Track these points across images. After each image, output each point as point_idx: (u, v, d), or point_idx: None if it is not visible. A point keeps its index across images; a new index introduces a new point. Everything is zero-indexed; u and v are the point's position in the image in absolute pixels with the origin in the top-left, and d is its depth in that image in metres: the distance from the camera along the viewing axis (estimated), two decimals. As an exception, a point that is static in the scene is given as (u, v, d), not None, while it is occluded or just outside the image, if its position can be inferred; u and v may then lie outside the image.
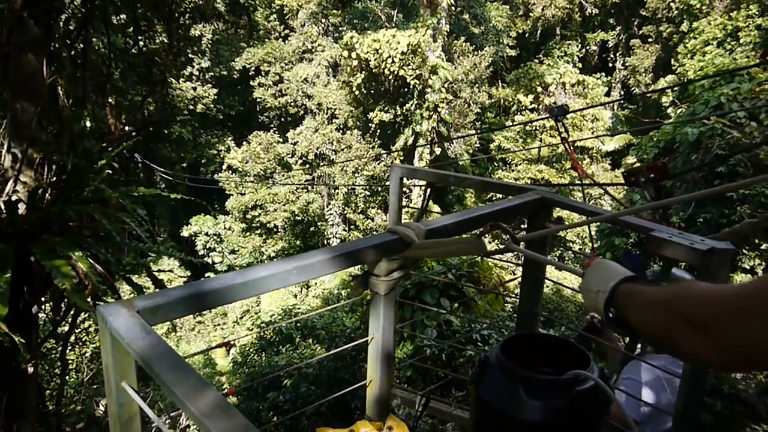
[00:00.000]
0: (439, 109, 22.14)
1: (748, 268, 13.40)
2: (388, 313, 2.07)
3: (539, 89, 26.03)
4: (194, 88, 25.42)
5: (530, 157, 24.80)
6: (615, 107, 29.05)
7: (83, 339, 9.19)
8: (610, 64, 31.28)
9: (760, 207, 10.89)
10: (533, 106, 26.23)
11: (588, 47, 31.45)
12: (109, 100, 8.31)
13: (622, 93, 30.21)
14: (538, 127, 24.81)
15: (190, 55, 23.23)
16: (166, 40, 9.69)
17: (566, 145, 3.05)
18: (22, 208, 4.65)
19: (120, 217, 5.34)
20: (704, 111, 11.62)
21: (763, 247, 12.54)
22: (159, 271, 7.11)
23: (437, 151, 22.96)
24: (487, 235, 1.88)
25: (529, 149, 23.81)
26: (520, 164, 24.59)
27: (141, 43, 8.88)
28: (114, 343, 1.29)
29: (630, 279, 1.29)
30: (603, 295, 1.31)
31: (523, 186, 2.44)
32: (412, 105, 22.40)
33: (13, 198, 4.63)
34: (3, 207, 4.56)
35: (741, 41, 20.37)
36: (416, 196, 21.23)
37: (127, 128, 8.69)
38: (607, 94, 28.47)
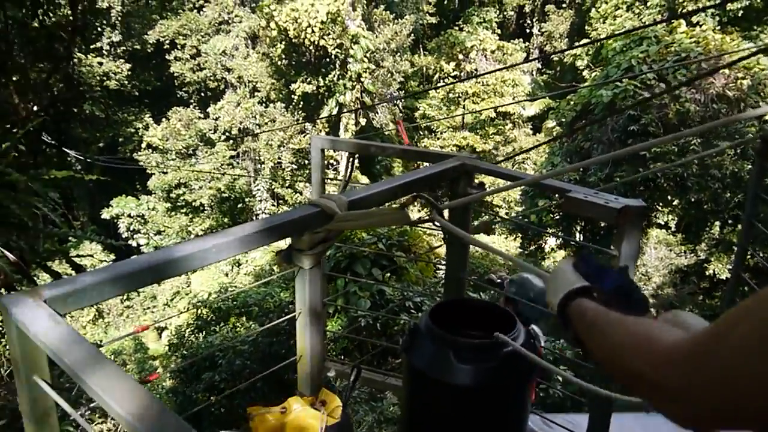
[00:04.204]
0: (362, 79, 22.02)
1: (662, 223, 14.12)
2: (314, 287, 2.06)
3: (460, 56, 26.25)
4: (100, 63, 24.18)
5: (454, 125, 25.10)
6: (534, 72, 29.69)
7: (1, 332, 8.76)
8: (528, 30, 31.85)
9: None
10: (455, 72, 26.45)
11: (506, 13, 31.86)
12: (12, 78, 7.82)
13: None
14: (461, 95, 25.08)
15: (98, 29, 22.08)
16: (69, 13, 9.14)
17: (397, 124, 3.11)
18: None
19: (31, 202, 5.08)
20: (617, 74, 12.05)
21: (675, 203, 13.23)
22: (78, 256, 6.81)
23: (363, 121, 22.89)
24: (415, 204, 1.89)
25: (453, 116, 24.08)
26: (444, 132, 24.86)
27: (41, 16, 8.34)
28: (20, 336, 1.22)
29: (580, 292, 1.16)
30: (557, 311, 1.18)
31: (444, 153, 2.46)
32: (334, 75, 22.18)
33: None
34: None
35: (648, 4, 21.16)
36: (344, 168, 21.15)
37: (34, 108, 8.22)
38: (525, 60, 29.02)
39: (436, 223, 1.78)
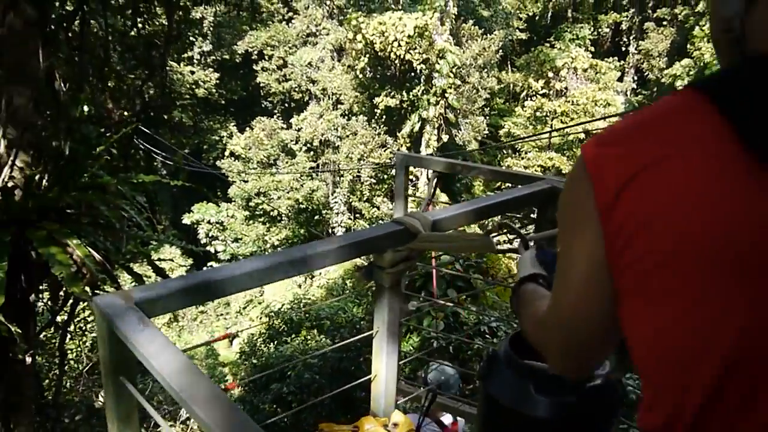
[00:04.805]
0: (446, 95, 22.04)
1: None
2: (394, 306, 2.06)
3: (550, 74, 25.83)
4: (192, 72, 25.32)
5: (540, 145, 24.69)
6: (628, 92, 28.84)
7: (83, 328, 9.22)
8: (623, 48, 31.01)
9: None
10: (544, 91, 26.06)
11: (600, 30, 31.16)
12: (108, 84, 8.29)
13: (636, 78, 29.98)
14: (548, 114, 24.67)
15: (191, 38, 23.16)
16: (165, 22, 9.64)
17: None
18: (18, 195, 4.65)
19: (119, 205, 5.35)
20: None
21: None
22: (160, 259, 7.11)
23: (445, 137, 22.87)
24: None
25: (539, 136, 23.67)
26: (530, 152, 24.47)
27: (140, 25, 8.82)
28: (111, 336, 1.28)
29: (529, 278, 1.30)
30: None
31: (533, 175, 2.42)
32: (419, 90, 22.30)
33: (9, 184, 4.63)
34: (-1, 193, 4.57)
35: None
36: (423, 184, 21.18)
37: (126, 113, 8.68)
38: (620, 79, 28.23)
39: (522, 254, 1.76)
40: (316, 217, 24.43)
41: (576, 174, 0.84)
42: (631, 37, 30.59)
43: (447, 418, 3.66)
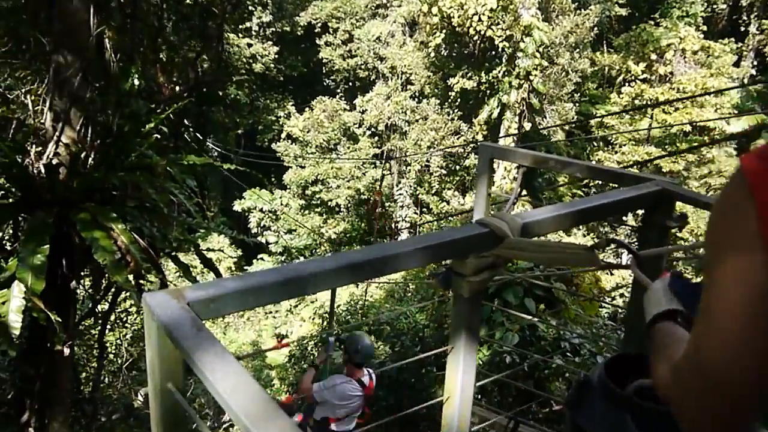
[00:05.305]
0: (531, 77, 21.67)
1: None
2: (473, 320, 2.00)
3: (653, 56, 25.02)
4: (249, 45, 25.65)
5: (638, 137, 23.99)
6: (746, 80, 27.69)
7: (123, 320, 9.49)
8: (742, 28, 29.78)
9: None
10: (645, 75, 25.29)
11: (715, 6, 30.01)
12: (160, 56, 8.49)
13: (756, 63, 28.75)
14: (649, 101, 23.95)
15: (250, 8, 23.51)
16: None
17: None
18: (63, 173, 4.80)
19: (168, 188, 5.46)
20: None
21: None
22: (208, 249, 7.22)
23: (527, 125, 22.52)
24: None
25: (638, 130, 22.99)
26: (624, 145, 23.82)
27: (198, -8, 9.00)
28: (161, 339, 1.28)
29: (665, 315, 1.20)
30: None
31: (639, 175, 2.33)
32: (499, 71, 22.02)
33: (54, 161, 4.78)
34: (43, 170, 4.73)
35: None
36: (499, 178, 20.93)
37: (178, 88, 8.87)
38: (736, 64, 27.10)
39: (634, 272, 1.68)
40: (378, 210, 24.48)
41: (734, 191, 0.81)
42: (752, 15, 29.32)
43: (366, 378, 4.67)
